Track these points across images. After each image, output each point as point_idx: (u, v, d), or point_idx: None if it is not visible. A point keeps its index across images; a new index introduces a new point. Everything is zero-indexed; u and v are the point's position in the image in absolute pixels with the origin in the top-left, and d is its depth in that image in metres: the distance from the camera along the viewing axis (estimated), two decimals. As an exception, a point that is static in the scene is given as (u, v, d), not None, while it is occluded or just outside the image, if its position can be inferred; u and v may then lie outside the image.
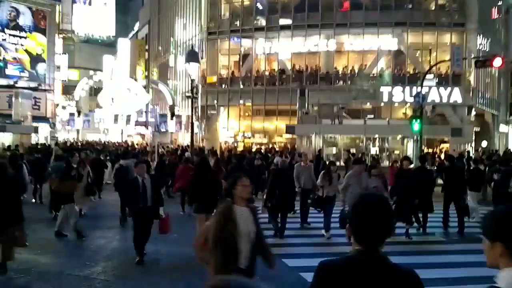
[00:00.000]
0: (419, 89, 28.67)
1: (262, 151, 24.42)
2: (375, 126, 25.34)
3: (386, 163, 22.56)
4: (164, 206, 8.37)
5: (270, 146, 31.38)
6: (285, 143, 32.13)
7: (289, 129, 25.28)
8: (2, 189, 6.72)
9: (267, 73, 34.41)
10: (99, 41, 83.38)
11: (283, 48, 33.28)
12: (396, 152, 25.05)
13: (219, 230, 3.77)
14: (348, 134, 24.91)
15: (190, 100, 43.54)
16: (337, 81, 31.80)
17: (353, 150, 23.49)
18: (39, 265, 7.89)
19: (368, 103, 30.96)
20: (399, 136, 24.48)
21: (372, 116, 30.13)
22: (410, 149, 23.97)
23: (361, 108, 30.86)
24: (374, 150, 25.06)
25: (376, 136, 25.04)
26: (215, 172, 9.91)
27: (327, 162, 12.26)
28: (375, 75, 31.55)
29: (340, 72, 31.99)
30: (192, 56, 17.39)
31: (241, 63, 35.12)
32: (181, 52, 45.82)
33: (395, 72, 31.45)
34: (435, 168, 17.31)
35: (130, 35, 68.21)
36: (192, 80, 17.81)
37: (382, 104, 30.91)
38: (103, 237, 10.14)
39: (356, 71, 31.60)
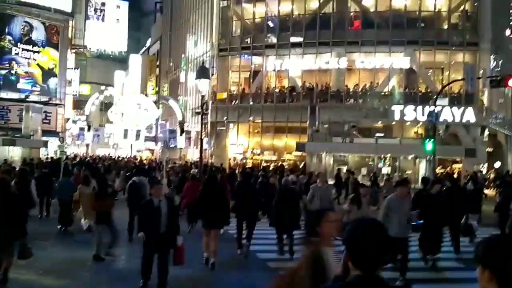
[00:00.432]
0: (431, 108, 28.68)
1: (270, 168, 24.17)
2: (386, 145, 24.98)
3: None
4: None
5: (279, 163, 31.08)
6: (295, 161, 31.82)
7: (299, 147, 24.99)
8: (6, 204, 6.82)
9: (277, 90, 34.29)
10: (111, 56, 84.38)
11: (294, 65, 33.21)
12: (408, 172, 24.61)
13: (312, 277, 3.45)
14: (358, 153, 24.55)
15: (200, 116, 43.85)
16: (348, 99, 31.56)
17: (364, 170, 23.13)
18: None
19: (379, 122, 30.62)
20: (411, 156, 24.06)
21: (382, 134, 29.77)
22: (422, 169, 23.54)
23: (372, 126, 30.53)
24: (385, 170, 24.64)
25: (388, 155, 24.63)
26: (222, 188, 9.87)
27: (352, 182, 11.72)
28: (386, 93, 31.28)
29: (351, 90, 31.77)
30: (202, 72, 17.24)
31: (251, 80, 35.07)
32: (192, 69, 46.01)
33: (407, 91, 31.17)
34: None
35: (142, 51, 68.80)
36: (202, 96, 17.66)
37: (394, 122, 30.56)
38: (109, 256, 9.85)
39: (367, 89, 31.36)
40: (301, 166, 27.64)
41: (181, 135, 38.82)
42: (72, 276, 8.47)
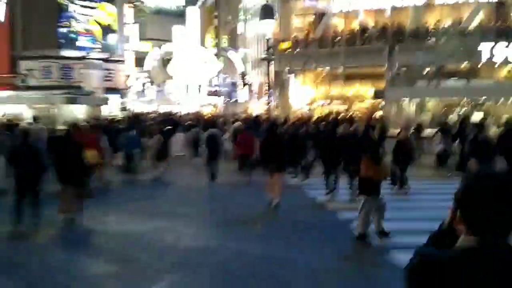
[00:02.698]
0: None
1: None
2: (481, 87, 21.65)
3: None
4: None
5: (350, 114, 28.57)
6: (368, 110, 29.14)
7: (378, 94, 22.31)
8: (70, 152, 8.22)
9: (346, 33, 31.23)
10: (170, 12, 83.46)
11: (365, 4, 29.87)
12: (505, 117, 21.31)
13: None
14: (448, 97, 21.54)
15: (261, 68, 41.87)
16: (428, 39, 28.01)
17: (454, 117, 20.26)
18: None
19: (465, 63, 26.98)
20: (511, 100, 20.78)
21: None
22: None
23: (456, 68, 26.98)
24: (478, 116, 21.42)
25: (483, 99, 21.38)
26: (280, 138, 10.76)
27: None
28: (472, 30, 27.40)
29: (430, 29, 28.17)
30: (266, 12, 15.07)
31: (317, 24, 32.13)
32: (250, 18, 43.58)
33: (497, 26, 27.12)
34: None
35: (200, 2, 66.74)
36: (268, 40, 15.53)
37: (481, 63, 26.86)
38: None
39: (450, 26, 27.62)
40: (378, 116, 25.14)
41: (243, 87, 37.06)
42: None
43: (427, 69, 26.53)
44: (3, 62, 34.23)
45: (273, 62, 23.53)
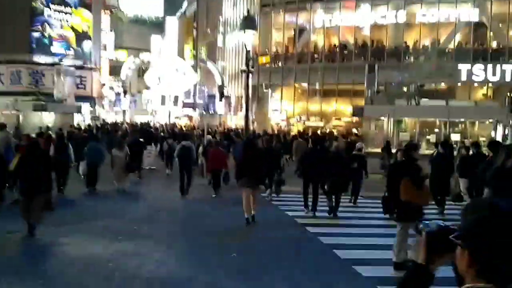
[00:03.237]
0: (504, 66, 24.97)
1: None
2: (461, 108, 21.58)
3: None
4: None
5: (328, 130, 28.27)
6: (345, 127, 28.91)
7: (357, 111, 21.98)
8: (35, 161, 7.99)
9: (326, 49, 31.08)
10: (148, 21, 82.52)
11: (345, 21, 29.81)
12: (482, 139, 21.32)
13: None
14: (427, 117, 21.39)
15: (239, 81, 41.44)
16: (407, 58, 28.07)
17: (432, 137, 20.09)
18: None
19: (443, 83, 27.10)
20: (488, 121, 20.74)
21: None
22: (499, 135, 20.24)
23: (434, 88, 27.07)
24: (455, 137, 21.35)
25: (461, 120, 21.32)
26: (260, 151, 10.80)
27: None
28: (451, 50, 27.60)
29: (410, 48, 28.24)
30: (248, 23, 14.55)
31: (296, 39, 31.92)
32: (229, 32, 43.25)
33: (475, 47, 27.36)
34: None
35: (179, 14, 66.18)
36: (248, 52, 15.01)
37: (459, 84, 27.01)
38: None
39: (429, 46, 27.76)
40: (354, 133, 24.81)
41: (220, 100, 36.46)
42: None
43: (404, 88, 26.52)
44: (-30, 65, 32.84)
45: (251, 74, 23.00)
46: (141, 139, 16.39)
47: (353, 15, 29.43)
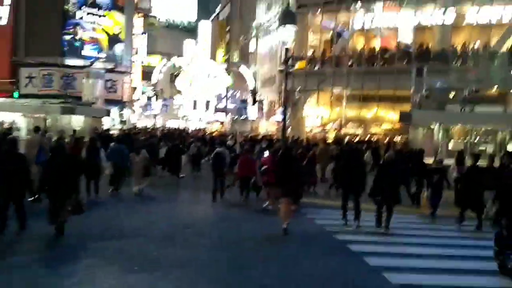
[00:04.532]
0: None
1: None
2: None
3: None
4: None
5: (367, 138, 26.54)
6: (388, 134, 27.10)
7: (404, 117, 20.17)
8: (61, 165, 7.92)
9: (365, 52, 29.35)
10: (181, 27, 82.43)
11: (387, 22, 28.03)
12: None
13: None
14: (484, 124, 19.41)
15: (271, 86, 40.07)
16: (455, 61, 26.04)
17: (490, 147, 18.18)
18: None
19: (496, 88, 24.88)
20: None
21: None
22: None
23: (484, 94, 24.87)
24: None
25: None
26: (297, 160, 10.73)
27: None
28: (503, 54, 25.40)
29: (458, 50, 26.21)
30: (287, 17, 13.15)
31: (335, 41, 30.30)
32: (262, 36, 42.10)
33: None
34: None
35: (212, 17, 65.58)
36: (287, 50, 13.60)
37: (512, 90, 24.77)
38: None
39: (480, 48, 25.68)
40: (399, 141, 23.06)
41: (253, 104, 35.17)
42: None
43: (453, 93, 24.55)
44: (3, 67, 32.68)
45: (291, 74, 21.74)
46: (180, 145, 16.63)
47: (395, 16, 27.63)
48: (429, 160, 13.75)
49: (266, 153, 12.57)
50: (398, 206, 9.64)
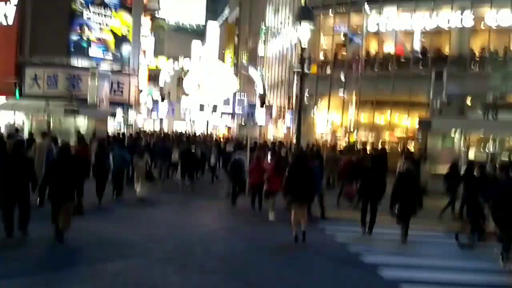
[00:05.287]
0: None
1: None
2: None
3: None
4: None
5: (380, 145, 25.61)
6: (398, 142, 26.17)
7: (423, 124, 19.18)
8: (65, 167, 7.96)
9: (380, 55, 28.46)
10: (189, 30, 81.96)
11: (402, 25, 27.15)
12: None
13: None
14: (509, 133, 18.43)
15: (280, 91, 39.24)
16: (473, 66, 25.08)
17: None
18: None
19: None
20: None
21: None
22: None
23: (507, 101, 23.89)
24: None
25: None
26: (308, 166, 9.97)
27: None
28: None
29: (476, 55, 25.26)
30: (304, 14, 12.32)
31: (347, 44, 29.42)
32: (271, 39, 41.35)
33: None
34: None
35: (220, 20, 64.98)
36: (303, 49, 12.76)
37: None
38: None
39: (500, 53, 24.71)
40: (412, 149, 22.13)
41: (261, 106, 34.31)
42: None
43: (468, 99, 23.65)
44: (9, 67, 32.04)
45: (308, 75, 20.94)
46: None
47: (410, 18, 26.73)
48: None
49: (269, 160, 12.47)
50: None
